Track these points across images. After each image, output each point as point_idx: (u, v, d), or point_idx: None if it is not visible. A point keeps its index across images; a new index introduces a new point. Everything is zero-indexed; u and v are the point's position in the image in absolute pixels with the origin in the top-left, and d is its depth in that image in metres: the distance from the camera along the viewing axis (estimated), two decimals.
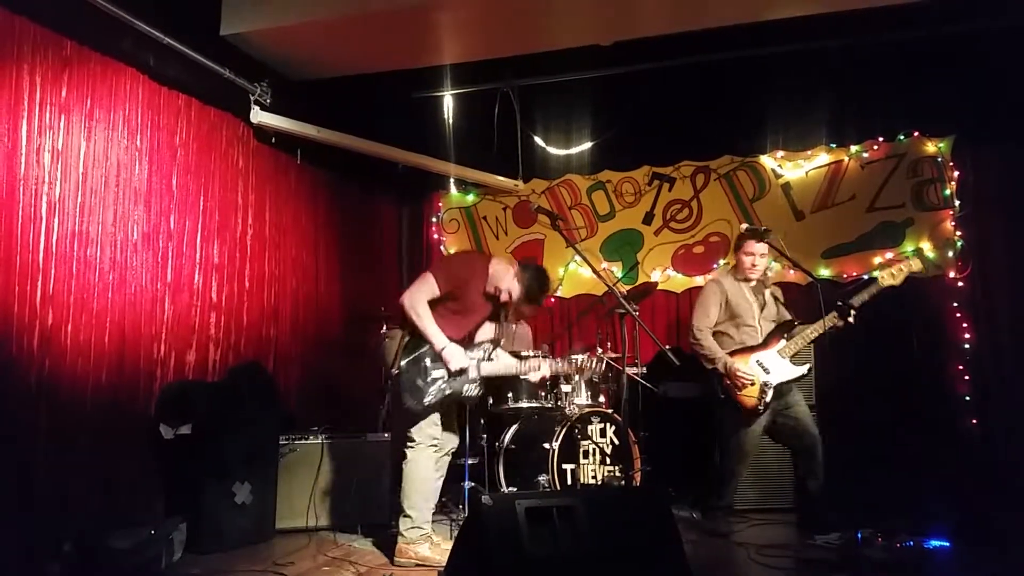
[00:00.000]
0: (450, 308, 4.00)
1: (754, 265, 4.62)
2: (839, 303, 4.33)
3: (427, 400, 3.89)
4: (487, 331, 4.23)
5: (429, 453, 3.99)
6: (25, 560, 3.44)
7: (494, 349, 4.11)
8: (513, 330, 5.59)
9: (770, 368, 4.44)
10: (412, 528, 3.92)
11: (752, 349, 4.51)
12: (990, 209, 5.75)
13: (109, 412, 4.01)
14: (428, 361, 3.92)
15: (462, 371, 3.94)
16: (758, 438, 4.54)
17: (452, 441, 4.21)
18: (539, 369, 4.25)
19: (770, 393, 4.40)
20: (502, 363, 4.16)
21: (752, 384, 4.41)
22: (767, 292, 4.72)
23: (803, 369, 4.49)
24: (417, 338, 3.94)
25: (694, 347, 4.64)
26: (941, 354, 5.63)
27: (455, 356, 3.90)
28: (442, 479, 4.20)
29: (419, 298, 3.93)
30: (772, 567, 3.72)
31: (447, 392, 3.93)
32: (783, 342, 4.49)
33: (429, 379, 3.90)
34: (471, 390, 4.00)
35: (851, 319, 4.32)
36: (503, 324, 4.33)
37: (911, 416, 5.35)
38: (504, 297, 4.04)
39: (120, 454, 4.06)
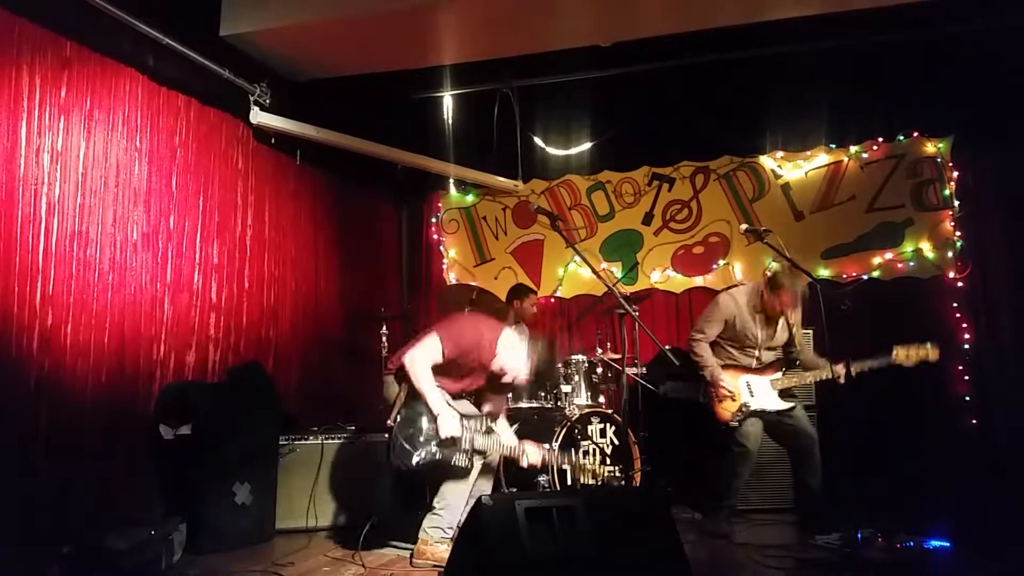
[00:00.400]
0: (451, 370, 3.96)
1: (782, 311, 4.49)
2: (845, 362, 4.29)
3: (414, 462, 3.81)
4: (496, 403, 4.22)
5: (478, 466, 3.95)
6: (25, 560, 3.43)
7: (492, 421, 4.05)
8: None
9: (756, 392, 4.47)
10: (435, 528, 3.89)
11: (746, 370, 4.53)
12: (989, 209, 5.76)
13: (109, 413, 4.00)
14: (424, 423, 3.85)
15: (453, 439, 3.84)
16: (758, 439, 4.53)
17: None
18: (530, 456, 4.09)
19: (746, 413, 4.43)
20: (497, 441, 4.02)
21: (732, 400, 4.43)
22: (781, 322, 4.57)
23: (788, 404, 4.49)
24: (415, 397, 3.88)
25: (689, 352, 4.64)
26: (941, 354, 5.62)
27: (447, 424, 3.81)
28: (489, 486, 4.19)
29: (422, 359, 3.86)
30: (772, 567, 3.71)
31: (436, 458, 3.84)
32: (778, 375, 4.51)
33: (421, 441, 3.83)
34: (460, 460, 3.88)
35: (852, 373, 4.31)
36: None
37: (911, 416, 5.35)
38: (508, 380, 4.02)
39: (120, 455, 4.06)
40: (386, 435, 3.91)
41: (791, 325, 4.62)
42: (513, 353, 3.99)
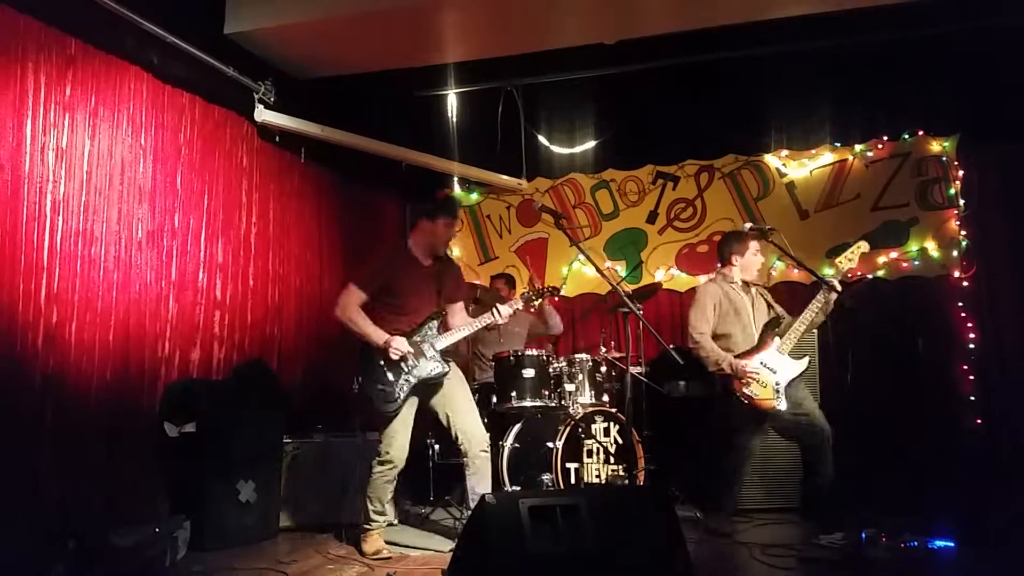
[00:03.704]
0: (393, 305, 4.03)
1: (763, 264, 4.63)
2: (821, 293, 4.33)
3: (399, 396, 3.93)
4: (462, 318, 4.23)
5: (397, 472, 4.07)
6: (30, 558, 3.44)
7: (439, 322, 4.09)
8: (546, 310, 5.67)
9: (775, 367, 4.41)
10: (364, 521, 4.06)
11: (752, 351, 4.50)
12: (995, 208, 5.74)
13: (114, 410, 4.01)
14: (382, 362, 3.95)
15: (409, 356, 3.93)
16: (759, 437, 4.52)
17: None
18: (498, 313, 4.11)
19: (782, 390, 4.38)
20: (455, 331, 4.12)
21: (763, 385, 4.37)
22: (754, 291, 4.68)
23: (804, 363, 4.44)
24: (369, 347, 3.97)
25: (694, 350, 4.56)
26: (945, 353, 5.62)
27: (395, 343, 3.91)
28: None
29: (347, 304, 3.98)
30: (775, 567, 3.71)
31: (414, 381, 3.95)
32: (777, 340, 4.48)
33: (390, 378, 3.94)
34: (436, 369, 3.99)
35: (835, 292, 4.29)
36: (497, 327, 4.30)
37: (915, 415, 5.34)
38: (448, 236, 4.14)
39: (124, 452, 4.07)
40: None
41: (764, 298, 4.70)
42: (426, 232, 4.10)
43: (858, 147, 6.06)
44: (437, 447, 5.21)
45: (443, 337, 4.06)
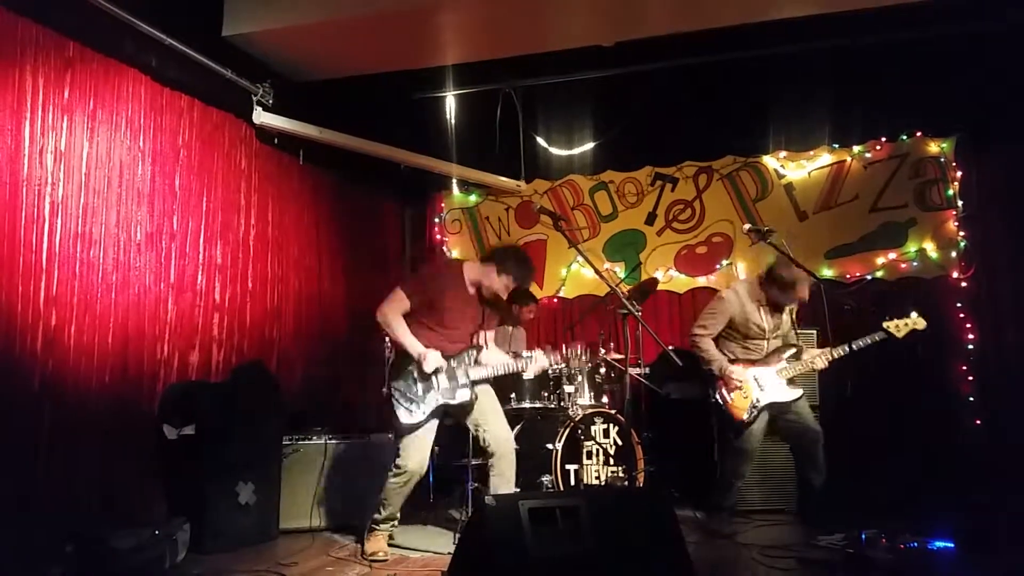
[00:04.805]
0: (434, 321, 4.02)
1: (794, 307, 4.59)
2: (847, 346, 4.33)
3: (424, 411, 3.93)
4: (494, 349, 4.23)
5: (414, 482, 4.06)
6: (28, 560, 3.44)
7: (478, 353, 4.09)
8: (510, 333, 5.58)
9: (765, 386, 4.43)
10: (370, 522, 4.08)
11: (752, 363, 4.51)
12: (993, 209, 5.74)
13: (113, 413, 4.01)
14: (416, 374, 3.96)
15: (442, 374, 3.95)
16: (760, 438, 4.52)
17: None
18: (534, 363, 4.15)
19: (759, 408, 4.40)
20: (492, 363, 4.12)
21: (744, 395, 4.40)
22: (785, 312, 4.62)
23: (797, 392, 4.46)
24: (403, 356, 3.99)
25: (692, 348, 4.60)
26: (945, 354, 5.62)
27: (430, 358, 3.91)
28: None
29: (390, 310, 3.99)
30: (775, 568, 3.71)
31: (440, 401, 3.95)
32: (783, 364, 4.48)
33: (421, 392, 3.94)
34: (464, 395, 3.98)
35: (853, 348, 4.34)
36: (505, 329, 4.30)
37: (915, 416, 5.34)
38: (502, 292, 4.06)
39: (123, 455, 4.07)
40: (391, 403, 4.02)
41: (792, 319, 4.65)
42: (487, 271, 4.04)
43: (856, 148, 6.07)
44: (437, 449, 5.19)
45: (479, 368, 4.06)
